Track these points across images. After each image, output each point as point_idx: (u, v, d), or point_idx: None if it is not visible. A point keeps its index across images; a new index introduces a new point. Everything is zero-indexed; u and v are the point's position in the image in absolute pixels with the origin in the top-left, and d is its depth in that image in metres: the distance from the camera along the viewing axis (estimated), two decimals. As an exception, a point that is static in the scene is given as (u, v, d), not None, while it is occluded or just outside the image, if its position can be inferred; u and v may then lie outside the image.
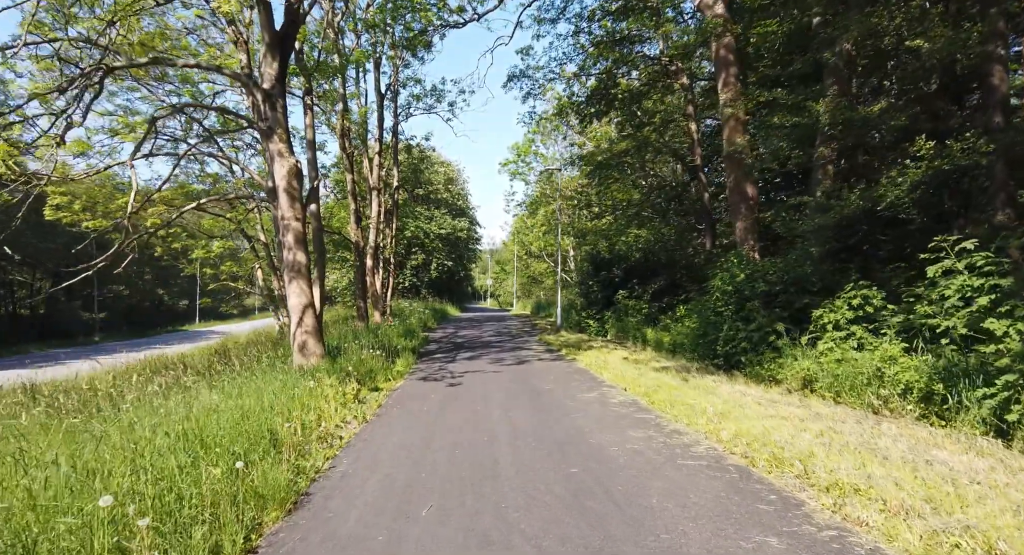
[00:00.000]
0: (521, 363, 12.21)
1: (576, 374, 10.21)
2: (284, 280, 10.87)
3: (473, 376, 10.50)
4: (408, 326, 19.06)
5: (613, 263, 20.23)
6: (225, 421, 4.90)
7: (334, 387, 8.64)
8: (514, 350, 14.96)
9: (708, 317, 10.52)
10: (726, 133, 12.96)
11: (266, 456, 4.43)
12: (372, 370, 10.60)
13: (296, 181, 10.74)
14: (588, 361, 11.73)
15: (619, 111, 20.26)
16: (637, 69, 19.75)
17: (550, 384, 9.13)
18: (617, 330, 17.65)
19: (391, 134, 23.08)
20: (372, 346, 12.11)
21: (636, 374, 9.42)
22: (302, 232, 10.79)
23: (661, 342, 13.62)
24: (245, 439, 4.55)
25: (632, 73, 20.83)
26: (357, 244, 18.84)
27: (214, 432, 4.48)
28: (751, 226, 12.66)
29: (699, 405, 6.61)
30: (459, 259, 40.84)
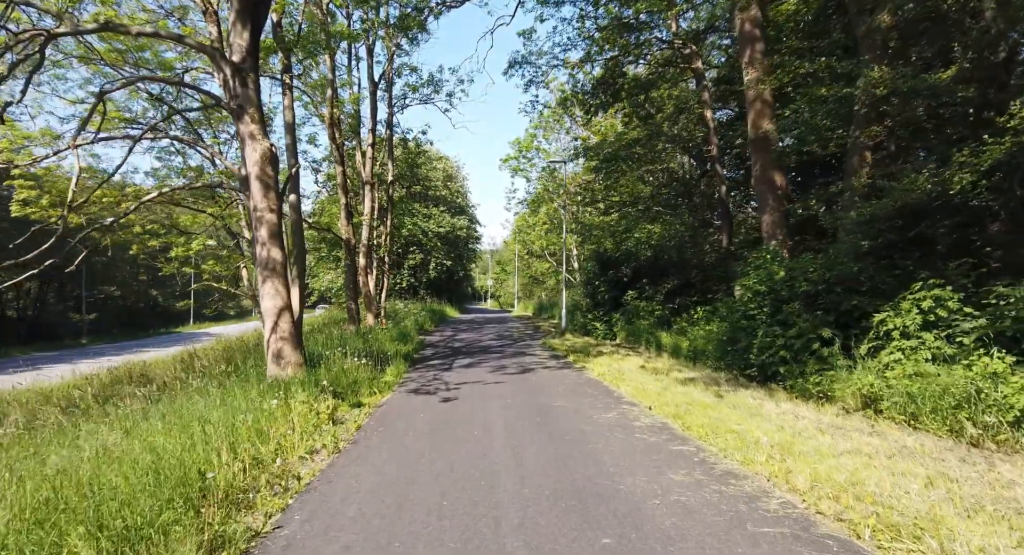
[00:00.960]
0: (525, 372, 10.95)
1: (588, 387, 8.94)
2: (257, 279, 9.63)
3: (471, 388, 9.24)
4: (402, 329, 17.80)
5: (621, 262, 18.98)
6: (122, 473, 3.65)
7: (307, 404, 7.40)
8: (516, 356, 13.70)
9: (737, 321, 9.25)
10: (751, 117, 11.70)
11: (175, 524, 3.17)
12: (356, 382, 9.35)
13: (270, 167, 9.49)
14: (600, 370, 10.46)
15: (626, 102, 19.01)
16: (647, 55, 18.49)
17: (559, 399, 7.87)
18: (627, 333, 16.39)
19: (386, 126, 21.83)
20: (359, 353, 10.86)
21: (659, 388, 8.15)
22: (277, 225, 9.55)
23: (679, 348, 12.36)
24: (147, 498, 3.29)
25: (641, 61, 19.61)
26: (348, 242, 17.59)
27: (97, 493, 3.23)
28: (780, 219, 11.40)
29: (748, 432, 5.35)
30: (458, 259, 39.54)
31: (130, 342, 32.96)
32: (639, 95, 18.96)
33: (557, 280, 42.16)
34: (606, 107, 19.79)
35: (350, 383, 9.12)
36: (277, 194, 9.61)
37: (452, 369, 11.80)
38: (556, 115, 33.35)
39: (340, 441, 6.04)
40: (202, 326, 50.80)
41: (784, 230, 11.43)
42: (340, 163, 17.30)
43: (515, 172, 35.54)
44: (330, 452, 5.62)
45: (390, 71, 20.74)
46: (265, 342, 9.62)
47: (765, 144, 11.45)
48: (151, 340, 34.37)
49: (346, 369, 9.62)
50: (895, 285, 7.85)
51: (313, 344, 12.35)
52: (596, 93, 19.23)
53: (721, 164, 16.28)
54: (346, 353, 10.55)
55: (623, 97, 19.20)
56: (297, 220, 10.72)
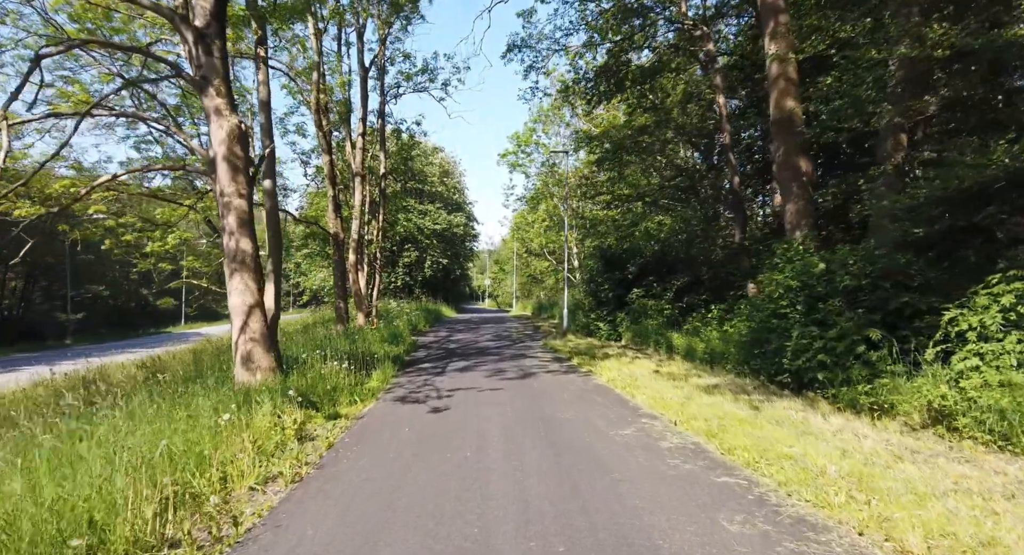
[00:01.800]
0: (525, 376, 9.88)
1: (598, 394, 7.88)
2: (225, 272, 8.56)
3: (465, 396, 8.18)
4: (394, 330, 16.73)
5: (626, 258, 17.94)
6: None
7: (273, 416, 6.34)
8: (516, 358, 12.64)
9: (765, 320, 8.20)
10: (774, 96, 10.65)
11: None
12: (336, 388, 8.28)
13: (239, 147, 8.42)
14: (609, 374, 9.41)
15: (629, 92, 17.97)
16: (653, 40, 17.46)
17: (567, 410, 6.81)
18: (633, 334, 15.34)
19: (378, 116, 20.76)
20: (342, 355, 9.79)
21: (680, 396, 7.09)
22: (247, 212, 8.48)
23: (693, 350, 11.32)
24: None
25: (646, 48, 18.59)
26: (336, 236, 16.50)
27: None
28: (805, 209, 10.36)
29: (806, 457, 4.30)
30: (455, 257, 38.43)
31: (118, 342, 31.77)
32: (643, 84, 17.94)
33: (556, 279, 41.10)
34: (609, 96, 18.78)
35: (328, 391, 8.05)
36: (247, 177, 8.54)
37: (445, 373, 10.74)
38: (556, 108, 32.33)
39: (304, 465, 4.97)
40: (193, 326, 49.58)
41: (809, 220, 10.39)
42: (327, 152, 16.22)
43: (513, 168, 34.47)
44: (288, 481, 4.55)
45: (382, 57, 19.65)
46: (233, 344, 8.55)
47: (789, 126, 10.40)
48: (140, 340, 33.21)
49: (325, 374, 8.55)
50: (951, 279, 6.84)
51: (292, 346, 11.27)
52: (598, 82, 18.23)
53: (734, 153, 15.24)
54: (326, 356, 9.48)
55: (627, 87, 18.21)
56: (273, 208, 9.64)
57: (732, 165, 15.15)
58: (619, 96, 18.61)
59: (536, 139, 33.48)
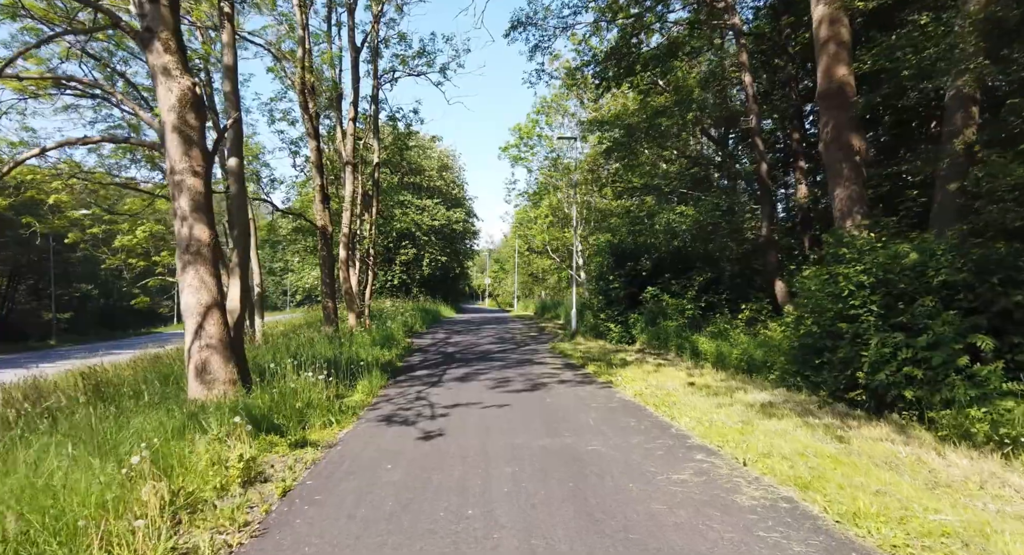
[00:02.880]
0: (535, 388, 8.46)
1: (629, 415, 6.46)
2: (176, 266, 7.14)
3: (465, 415, 6.76)
4: (387, 332, 15.31)
5: (639, 253, 16.52)
6: None
7: (219, 447, 4.94)
8: (522, 365, 11.22)
9: (827, 324, 6.77)
10: (822, 64, 9.23)
11: None
12: (309, 405, 6.86)
13: (193, 114, 7.02)
14: (635, 387, 7.99)
15: (638, 77, 16.57)
16: (669, 12, 16.05)
17: (593, 439, 5.40)
18: (650, 336, 13.93)
19: (371, 101, 19.31)
20: (322, 364, 8.38)
21: (733, 420, 5.67)
22: (203, 194, 7.08)
23: (724, 356, 9.91)
24: None
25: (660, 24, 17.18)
26: (324, 230, 15.07)
27: None
28: (858, 193, 8.94)
29: (971, 532, 2.88)
30: (454, 254, 36.95)
31: (105, 343, 30.40)
32: (656, 68, 16.52)
33: (559, 277, 39.68)
34: (619, 81, 17.37)
35: (298, 409, 6.63)
36: (203, 152, 7.13)
37: (442, 383, 9.32)
38: (559, 99, 30.92)
39: (239, 530, 3.54)
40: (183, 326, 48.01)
41: (863, 207, 8.97)
42: (314, 137, 14.78)
43: (515, 161, 33.01)
44: (205, 562, 3.13)
45: (375, 37, 18.23)
46: (185, 352, 7.14)
47: (840, 98, 8.99)
48: (128, 341, 31.80)
49: (297, 388, 7.12)
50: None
51: (265, 353, 9.85)
52: (607, 67, 16.83)
53: (760, 137, 13.80)
54: (302, 363, 8.05)
55: (637, 71, 16.81)
56: (240, 192, 8.21)
57: (759, 150, 13.71)
58: (629, 81, 17.23)
59: (539, 131, 32.05)
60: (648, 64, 16.32)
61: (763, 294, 14.73)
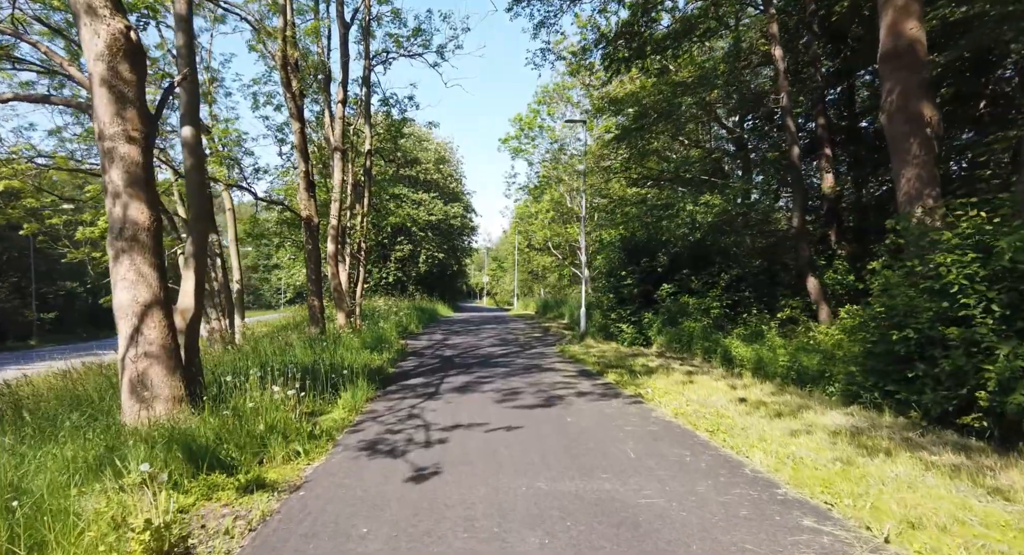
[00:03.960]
0: (551, 402, 7.09)
1: (675, 443, 5.09)
2: (108, 255, 5.74)
3: (467, 441, 5.39)
4: (379, 333, 13.92)
5: (655, 248, 15.18)
6: None
7: (125, 502, 3.57)
8: (531, 372, 9.85)
9: (924, 327, 5.40)
10: (887, 19, 7.85)
11: None
12: (273, 429, 5.48)
13: (128, 67, 5.64)
14: (673, 402, 6.62)
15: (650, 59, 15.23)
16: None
17: (642, 482, 4.04)
18: (669, 339, 12.58)
19: (362, 84, 17.90)
20: (296, 373, 7.00)
21: (827, 458, 4.28)
22: (141, 165, 5.70)
23: (765, 363, 8.55)
24: None
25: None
26: (309, 221, 13.65)
27: None
28: (929, 173, 7.58)
29: None
30: (452, 251, 35.50)
31: (90, 343, 28.88)
32: (667, 49, 15.18)
33: (560, 275, 38.32)
34: (629, 64, 16.01)
35: (258, 435, 5.25)
36: (142, 114, 5.73)
37: (439, 394, 7.94)
38: (561, 90, 29.54)
39: None
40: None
41: (934, 188, 7.62)
42: (297, 119, 13.36)
43: (516, 153, 31.63)
44: None
45: (367, 13, 16.80)
46: (119, 361, 5.74)
47: (909, 58, 7.62)
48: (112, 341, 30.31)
49: (259, 406, 5.73)
50: None
51: (235, 359, 8.46)
52: (617, 49, 15.48)
53: (792, 118, 12.44)
54: (272, 373, 6.65)
55: (648, 53, 15.48)
56: (196, 168, 6.79)
57: (791, 132, 12.37)
58: (639, 64, 15.88)
59: (541, 122, 30.67)
60: (660, 45, 15.00)
61: (789, 292, 13.44)
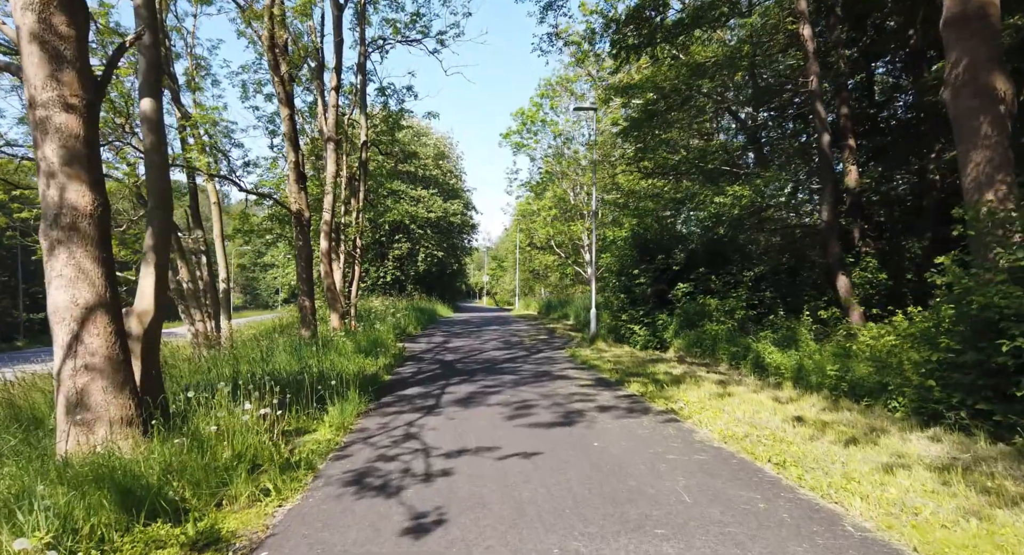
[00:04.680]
0: (570, 420, 6.12)
1: (736, 480, 4.12)
2: (41, 247, 4.75)
3: (477, 474, 4.42)
4: (374, 336, 12.93)
5: (672, 244, 14.24)
6: None
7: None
8: (540, 379, 8.88)
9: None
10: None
11: None
12: (238, 459, 4.50)
13: (65, 19, 4.70)
14: (715, 421, 5.65)
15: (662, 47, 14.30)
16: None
17: (716, 546, 3.08)
18: (687, 342, 11.63)
19: (357, 72, 16.92)
20: (273, 385, 6.02)
21: (949, 507, 3.30)
22: (82, 138, 4.77)
23: (806, 371, 7.59)
24: None
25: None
26: (299, 215, 12.63)
27: None
28: (1003, 156, 6.63)
29: None
30: (451, 249, 34.46)
31: None
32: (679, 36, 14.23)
33: (562, 274, 37.32)
34: (639, 52, 15.06)
35: (220, 466, 4.27)
36: (84, 77, 4.76)
37: (440, 407, 6.97)
38: (565, 84, 28.57)
39: None
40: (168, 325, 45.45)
41: (1009, 174, 6.66)
42: (286, 104, 12.35)
43: (517, 148, 30.63)
44: None
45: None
46: (55, 375, 4.77)
47: (981, 25, 6.67)
48: None
49: (224, 428, 4.75)
50: None
51: (207, 368, 7.47)
52: (625, 34, 14.53)
53: (822, 102, 11.47)
54: (248, 385, 5.66)
55: (658, 40, 14.53)
56: (157, 147, 5.79)
57: (821, 118, 11.41)
58: (649, 51, 14.92)
59: (543, 116, 29.67)
60: (671, 32, 14.04)
61: (814, 291, 12.50)
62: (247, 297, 75.51)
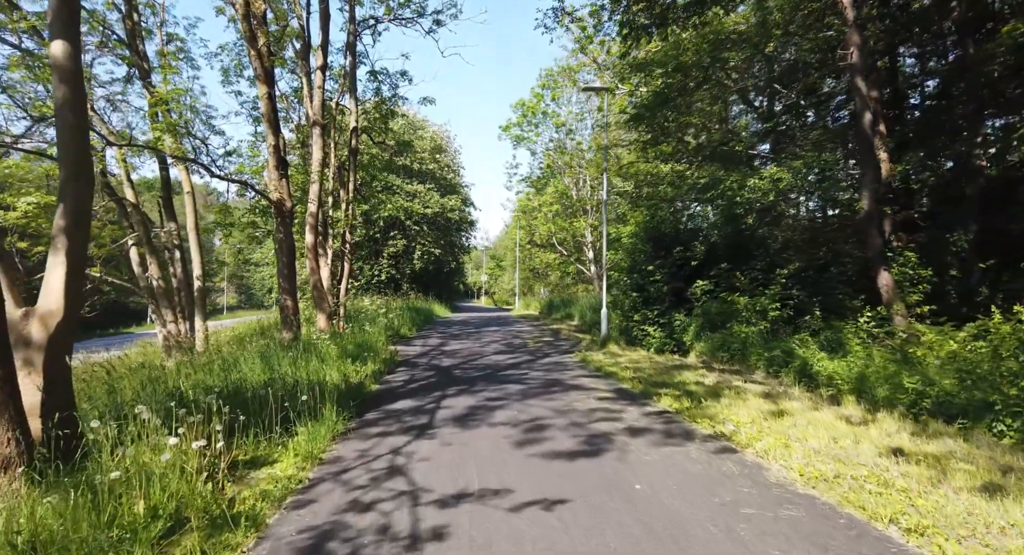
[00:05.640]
0: (596, 449, 4.89)
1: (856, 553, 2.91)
2: None
3: (481, 531, 3.18)
4: (363, 340, 11.67)
5: (688, 237, 13.05)
6: None
7: None
8: (553, 391, 7.63)
9: None
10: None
11: None
12: (153, 514, 3.24)
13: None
14: (778, 450, 4.44)
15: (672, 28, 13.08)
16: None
17: None
18: (712, 346, 10.41)
19: (346, 52, 15.65)
20: (239, 398, 4.78)
21: None
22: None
23: (869, 383, 6.37)
24: None
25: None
26: (280, 205, 11.36)
27: None
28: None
29: None
30: (449, 247, 33.17)
31: None
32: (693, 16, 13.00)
33: (563, 273, 36.08)
34: (649, 32, 13.84)
35: (126, 527, 3.02)
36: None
37: (434, 428, 5.73)
38: (567, 74, 27.36)
39: None
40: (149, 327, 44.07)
41: None
42: (264, 81, 11.06)
43: (517, 141, 29.41)
44: None
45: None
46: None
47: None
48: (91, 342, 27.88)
49: (134, 473, 3.49)
50: None
51: (141, 386, 6.19)
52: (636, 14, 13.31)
53: (863, 77, 10.25)
54: (178, 406, 4.40)
55: (671, 19, 13.32)
56: (71, 104, 4.53)
57: (862, 95, 10.19)
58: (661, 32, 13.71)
59: (544, 108, 28.45)
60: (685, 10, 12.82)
61: (848, 289, 11.30)
62: (242, 297, 73.99)
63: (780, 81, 13.59)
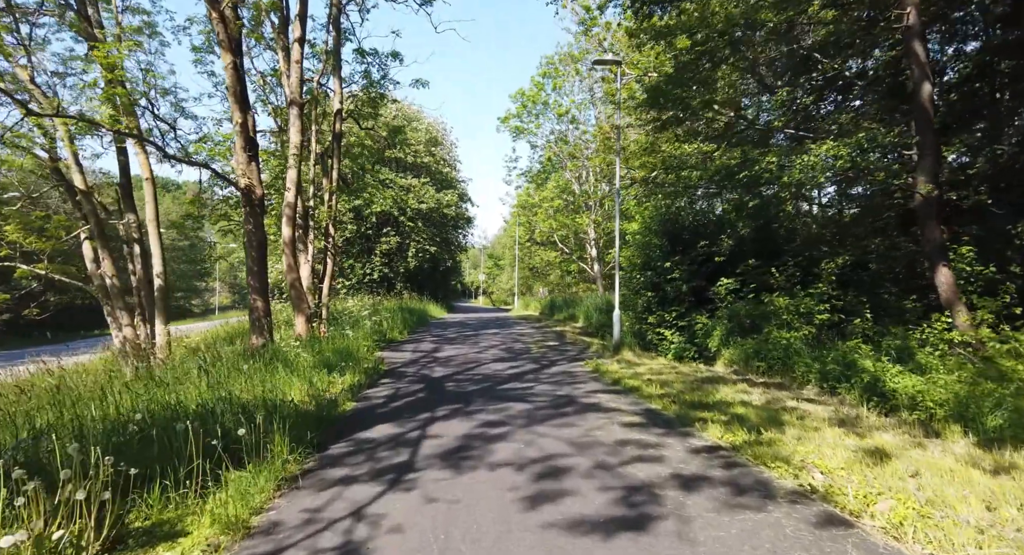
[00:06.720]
0: (637, 514, 3.47)
1: None
2: None
3: None
4: (343, 346, 10.22)
5: (711, 231, 11.66)
6: None
7: None
8: (565, 412, 6.20)
9: None
10: None
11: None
12: None
13: None
14: (916, 527, 3.02)
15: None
16: None
17: None
18: (743, 353, 9.00)
19: (329, 27, 14.19)
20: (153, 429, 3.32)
21: None
22: None
23: (974, 407, 4.96)
24: None
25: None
26: (248, 191, 9.88)
27: None
28: None
29: None
30: (445, 244, 31.66)
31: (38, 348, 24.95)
32: None
33: (565, 272, 34.68)
34: (664, 5, 12.45)
35: None
36: None
37: (415, 471, 4.30)
38: (570, 61, 25.95)
39: None
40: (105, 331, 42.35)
41: None
42: (229, 49, 9.58)
43: (517, 133, 27.95)
44: None
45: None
46: None
47: None
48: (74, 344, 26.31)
49: None
50: None
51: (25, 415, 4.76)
52: None
53: (923, 42, 8.83)
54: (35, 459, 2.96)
55: None
56: None
57: (920, 62, 8.79)
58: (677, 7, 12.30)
59: (545, 98, 27.01)
60: None
61: (897, 289, 9.92)
62: (236, 296, 72.33)
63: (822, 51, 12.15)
